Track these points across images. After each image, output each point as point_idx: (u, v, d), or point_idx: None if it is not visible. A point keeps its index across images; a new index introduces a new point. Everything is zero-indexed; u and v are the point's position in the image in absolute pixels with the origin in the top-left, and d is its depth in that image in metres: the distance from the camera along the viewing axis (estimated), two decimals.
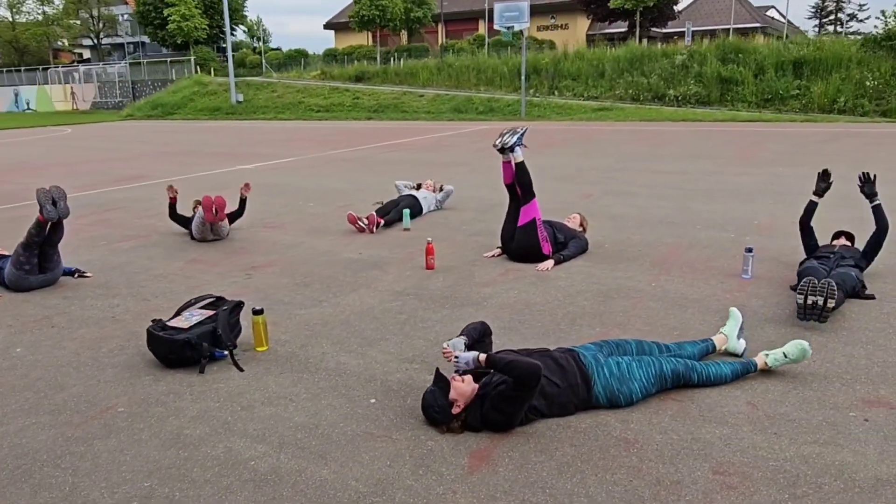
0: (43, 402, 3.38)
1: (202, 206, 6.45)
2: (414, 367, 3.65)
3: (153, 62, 43.49)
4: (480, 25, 41.07)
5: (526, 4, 22.82)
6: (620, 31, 37.34)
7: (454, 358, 3.05)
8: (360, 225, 6.91)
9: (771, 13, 49.53)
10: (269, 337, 3.99)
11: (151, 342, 3.71)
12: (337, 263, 5.79)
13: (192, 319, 3.81)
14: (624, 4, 31.46)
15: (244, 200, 7.00)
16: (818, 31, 54.47)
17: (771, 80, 23.20)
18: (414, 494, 2.54)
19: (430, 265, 5.50)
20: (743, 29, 36.50)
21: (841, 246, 4.92)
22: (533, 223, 5.41)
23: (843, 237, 5.15)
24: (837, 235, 5.19)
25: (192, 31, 43.43)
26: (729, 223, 6.81)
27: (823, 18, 58.35)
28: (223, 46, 42.51)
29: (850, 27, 51.86)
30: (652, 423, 3.00)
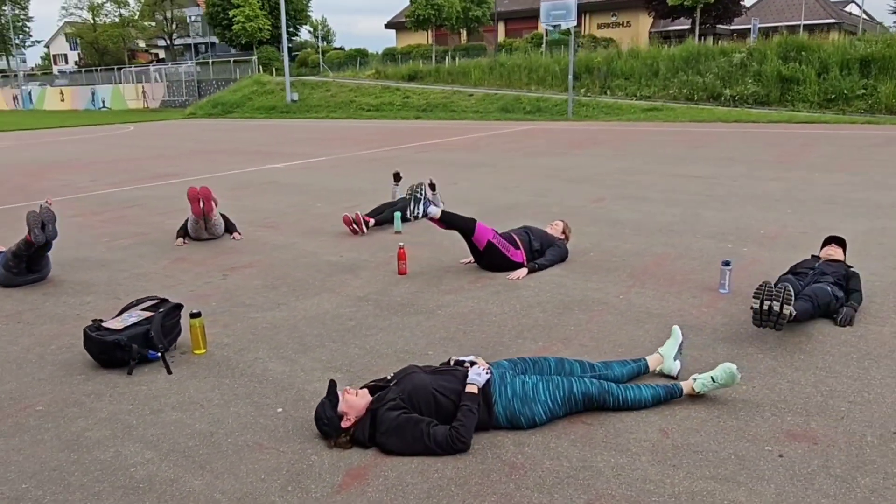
0: None
1: (188, 198, 6.55)
2: (338, 376, 3.59)
3: (219, 62, 44.96)
4: (539, 24, 40.58)
5: (573, 3, 22.38)
6: (683, 28, 36.21)
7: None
8: (353, 227, 6.92)
9: (850, 8, 47.03)
10: (207, 340, 4.01)
11: (86, 342, 3.79)
12: (314, 266, 5.80)
13: (128, 321, 3.87)
14: (683, 1, 30.44)
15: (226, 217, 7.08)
16: None
17: (835, 79, 22.00)
18: None
19: (402, 270, 5.44)
20: (815, 25, 34.81)
21: (825, 261, 4.55)
22: (490, 245, 5.30)
23: (832, 244, 4.74)
24: (828, 241, 4.80)
25: (255, 31, 44.80)
26: (732, 232, 6.46)
27: None
28: (288, 46, 43.57)
29: None
30: (549, 447, 2.85)
